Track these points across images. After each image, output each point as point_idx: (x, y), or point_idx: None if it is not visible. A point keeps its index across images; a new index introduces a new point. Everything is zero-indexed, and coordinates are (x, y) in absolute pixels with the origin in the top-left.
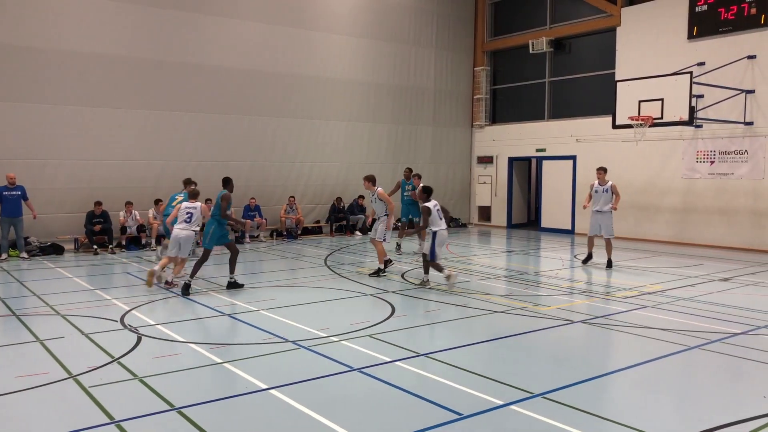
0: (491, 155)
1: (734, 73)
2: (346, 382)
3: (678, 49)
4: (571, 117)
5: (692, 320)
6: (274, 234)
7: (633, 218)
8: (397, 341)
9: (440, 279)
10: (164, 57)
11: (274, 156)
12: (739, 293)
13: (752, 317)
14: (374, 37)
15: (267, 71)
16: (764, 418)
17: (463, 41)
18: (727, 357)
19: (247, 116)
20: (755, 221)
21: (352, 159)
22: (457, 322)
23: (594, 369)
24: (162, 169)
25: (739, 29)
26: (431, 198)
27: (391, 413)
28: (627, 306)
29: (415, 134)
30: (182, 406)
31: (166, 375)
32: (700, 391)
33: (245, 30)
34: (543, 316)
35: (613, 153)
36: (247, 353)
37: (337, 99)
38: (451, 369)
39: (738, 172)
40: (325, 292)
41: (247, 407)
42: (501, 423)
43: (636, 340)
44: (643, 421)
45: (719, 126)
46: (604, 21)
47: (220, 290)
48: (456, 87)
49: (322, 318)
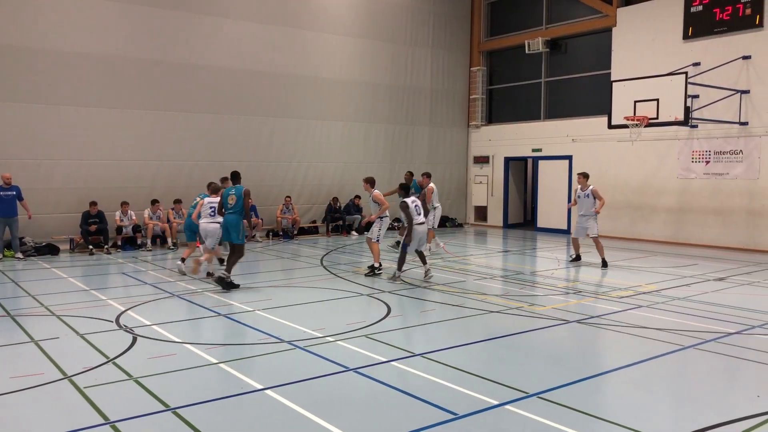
0: (487, 155)
1: (729, 74)
2: (342, 383)
3: (673, 49)
4: (567, 117)
5: (687, 320)
6: (271, 234)
7: (628, 218)
8: (393, 341)
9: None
10: (160, 57)
11: (270, 156)
12: (733, 293)
13: (747, 317)
14: (371, 37)
15: (263, 71)
16: (758, 417)
17: (459, 41)
18: (722, 356)
19: (243, 116)
20: (750, 221)
21: (349, 159)
22: (452, 322)
23: (589, 369)
24: (158, 169)
25: (734, 30)
26: (409, 195)
27: (386, 413)
28: (622, 306)
29: (411, 134)
30: (178, 407)
31: (162, 375)
32: (695, 390)
33: (241, 30)
34: (538, 316)
35: (608, 153)
36: (243, 353)
37: (333, 99)
38: (447, 369)
39: (733, 172)
40: (322, 293)
41: (242, 407)
42: (496, 423)
43: (631, 340)
44: (638, 420)
45: (714, 126)
46: (600, 21)
47: (216, 290)
48: (452, 87)
49: (318, 318)
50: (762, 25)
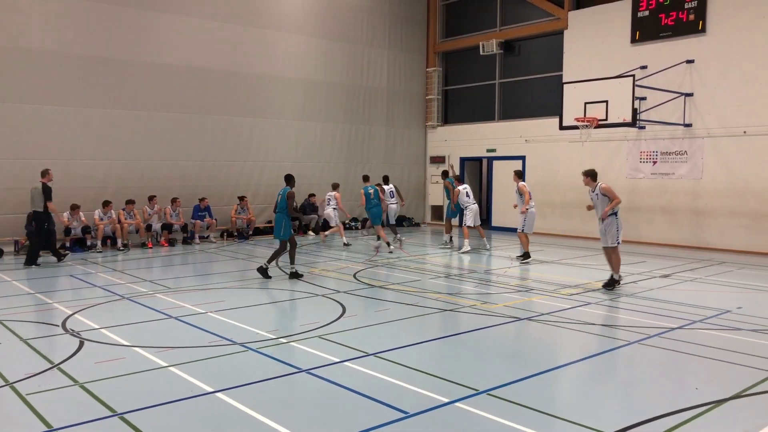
0: (444, 155)
1: (674, 77)
2: (294, 384)
3: (622, 52)
4: (521, 118)
5: (633, 316)
6: (225, 234)
7: (580, 217)
8: (347, 341)
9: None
10: (112, 54)
11: (224, 155)
12: (677, 289)
13: (689, 312)
14: (328, 37)
15: (218, 69)
16: (697, 408)
17: (415, 42)
18: (665, 351)
19: (197, 115)
20: (694, 219)
21: (305, 158)
22: (407, 321)
23: (539, 365)
24: (108, 169)
25: (679, 35)
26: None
27: (337, 414)
28: (572, 303)
29: (368, 134)
30: (125, 412)
31: (109, 380)
32: (640, 384)
33: (196, 28)
34: (491, 313)
35: (560, 153)
36: (194, 356)
37: (289, 98)
38: (400, 368)
39: (678, 172)
40: (276, 294)
41: (192, 411)
42: (446, 420)
43: (580, 337)
44: (586, 415)
45: (661, 127)
46: (552, 24)
47: (167, 292)
48: (409, 87)
49: (272, 320)
50: (704, 31)
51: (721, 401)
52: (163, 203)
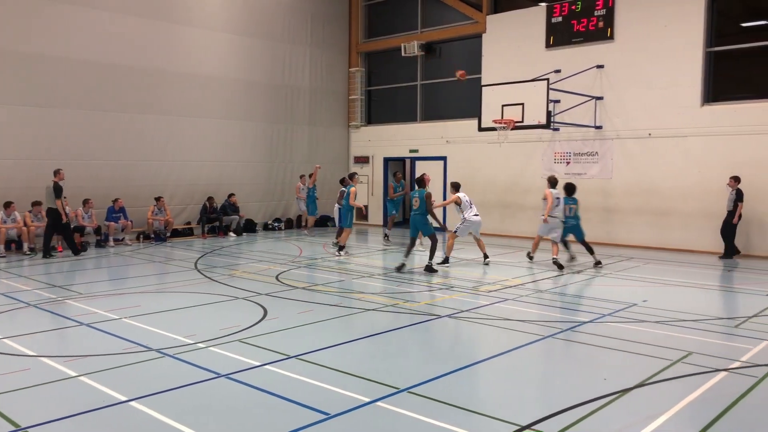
0: (367, 155)
1: (586, 81)
2: (212, 390)
3: (537, 56)
4: (441, 119)
5: (547, 311)
6: (141, 237)
7: (498, 215)
8: (268, 344)
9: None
10: (17, 47)
11: (140, 155)
12: (588, 284)
13: (599, 306)
14: (247, 34)
15: (133, 65)
16: (605, 398)
17: (338, 41)
18: (576, 344)
19: (111, 113)
20: (605, 217)
21: (225, 158)
22: (329, 322)
23: (458, 361)
24: (12, 169)
25: (590, 41)
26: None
27: (257, 418)
28: (490, 299)
29: (291, 133)
30: (29, 426)
31: (12, 393)
32: (553, 376)
33: (109, 22)
34: (413, 312)
35: (479, 154)
36: (106, 364)
37: (208, 96)
38: (321, 369)
39: (590, 172)
40: (195, 297)
41: (104, 422)
42: (367, 420)
43: (497, 332)
44: (503, 409)
45: (573, 129)
46: (471, 27)
47: (77, 298)
48: (332, 87)
49: (190, 324)
50: (613, 38)
51: (627, 390)
52: (74, 204)
